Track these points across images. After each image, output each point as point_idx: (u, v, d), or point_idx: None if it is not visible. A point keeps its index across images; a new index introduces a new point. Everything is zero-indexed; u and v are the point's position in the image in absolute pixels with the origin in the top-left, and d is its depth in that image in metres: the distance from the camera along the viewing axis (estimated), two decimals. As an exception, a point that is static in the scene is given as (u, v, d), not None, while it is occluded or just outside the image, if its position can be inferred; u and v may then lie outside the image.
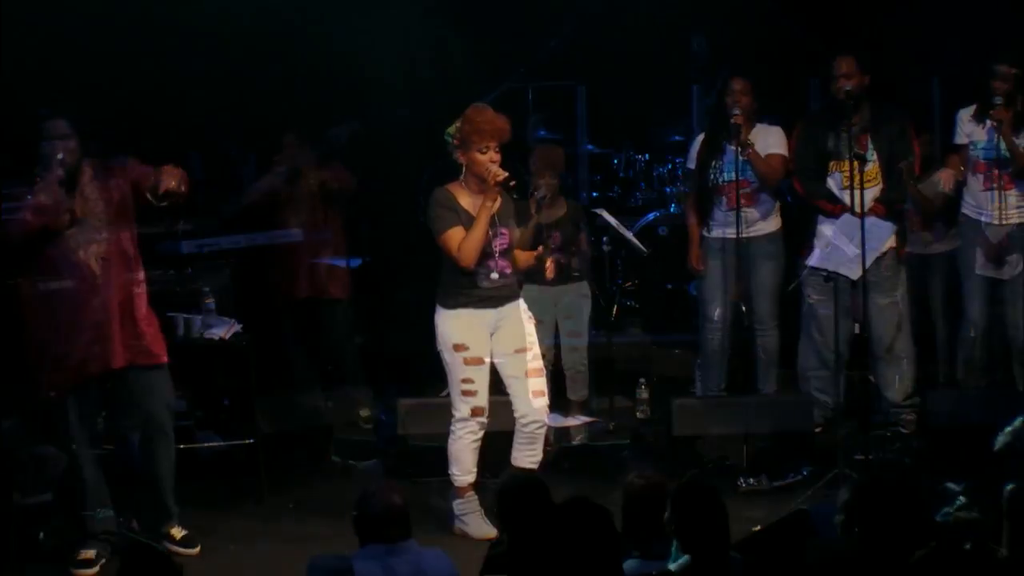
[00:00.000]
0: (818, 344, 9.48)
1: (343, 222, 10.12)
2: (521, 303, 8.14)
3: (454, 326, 7.96)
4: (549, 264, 8.32)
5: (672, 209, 10.63)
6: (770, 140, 9.58)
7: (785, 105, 10.59)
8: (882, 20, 11.29)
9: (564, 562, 5.11)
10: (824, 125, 9.42)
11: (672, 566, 5.60)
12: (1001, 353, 9.58)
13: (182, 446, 9.12)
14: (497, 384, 8.20)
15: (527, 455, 8.10)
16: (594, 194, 10.71)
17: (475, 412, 8.00)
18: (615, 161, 11.04)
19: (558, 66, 10.63)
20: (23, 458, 8.24)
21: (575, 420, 9.98)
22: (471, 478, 8.10)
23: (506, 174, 7.83)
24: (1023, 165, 9.25)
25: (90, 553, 7.72)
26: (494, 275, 7.97)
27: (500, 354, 8.06)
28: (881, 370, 9.51)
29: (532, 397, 8.07)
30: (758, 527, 7.01)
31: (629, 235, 9.83)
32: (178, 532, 8.00)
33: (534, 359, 8.10)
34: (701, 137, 9.80)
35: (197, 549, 7.97)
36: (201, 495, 8.67)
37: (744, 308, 9.60)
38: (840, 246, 8.67)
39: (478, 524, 8.07)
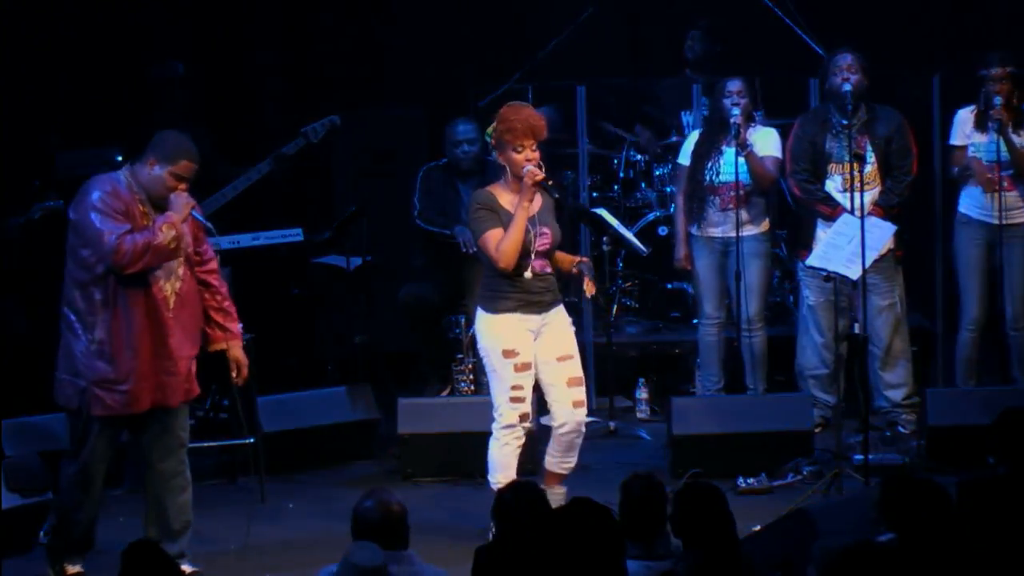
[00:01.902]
0: (817, 344, 9.48)
1: None
2: (563, 309, 7.95)
3: (502, 331, 7.76)
4: (589, 283, 7.82)
5: (672, 209, 10.63)
6: (765, 142, 9.58)
7: (785, 105, 10.61)
8: (881, 19, 11.31)
9: (568, 563, 5.11)
10: (821, 126, 9.41)
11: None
12: (1001, 353, 9.59)
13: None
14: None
15: (562, 461, 7.93)
16: (594, 194, 10.71)
17: (523, 418, 7.84)
18: (615, 161, 11.03)
19: (558, 66, 10.62)
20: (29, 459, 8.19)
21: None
22: None
23: (543, 174, 7.63)
24: (1023, 165, 9.28)
25: (76, 568, 7.56)
26: (527, 274, 7.72)
27: (542, 360, 7.84)
28: (880, 370, 9.51)
29: (573, 407, 7.85)
30: (758, 527, 7.02)
31: (629, 235, 9.83)
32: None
33: (575, 368, 7.88)
34: (696, 135, 9.80)
35: None
36: (201, 495, 8.66)
37: (733, 308, 9.62)
38: (837, 244, 8.67)
39: None
